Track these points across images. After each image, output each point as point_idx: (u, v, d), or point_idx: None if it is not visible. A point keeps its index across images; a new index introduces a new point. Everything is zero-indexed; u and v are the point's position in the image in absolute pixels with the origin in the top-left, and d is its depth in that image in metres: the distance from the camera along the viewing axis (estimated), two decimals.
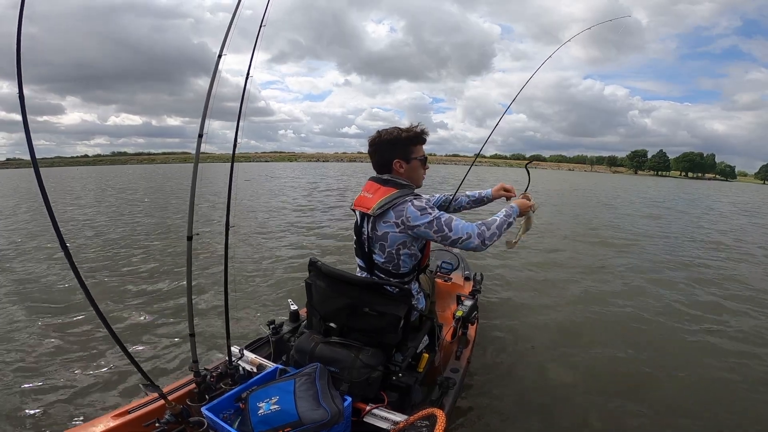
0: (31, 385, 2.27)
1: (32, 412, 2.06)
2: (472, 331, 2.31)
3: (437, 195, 2.08)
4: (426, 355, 1.68)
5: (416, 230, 1.50)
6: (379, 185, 1.60)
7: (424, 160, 1.67)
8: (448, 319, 2.44)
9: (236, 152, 1.56)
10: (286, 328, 1.96)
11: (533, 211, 1.81)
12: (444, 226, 1.47)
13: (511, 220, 1.61)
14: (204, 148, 1.39)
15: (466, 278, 3.03)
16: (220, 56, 1.40)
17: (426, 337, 1.74)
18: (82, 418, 2.01)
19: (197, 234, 1.44)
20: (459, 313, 2.19)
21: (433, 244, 1.80)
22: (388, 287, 1.54)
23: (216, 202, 10.24)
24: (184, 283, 1.47)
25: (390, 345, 1.54)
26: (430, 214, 1.49)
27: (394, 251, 1.57)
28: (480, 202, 2.04)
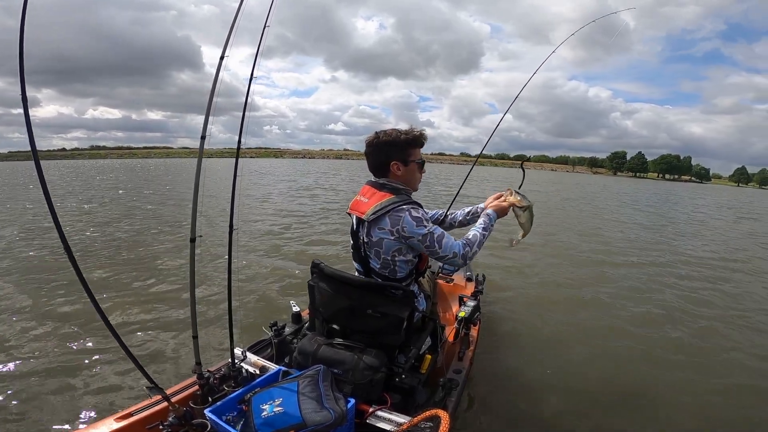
0: (34, 387, 2.27)
1: (36, 414, 2.05)
2: (474, 332, 2.30)
3: (433, 210, 2.05)
4: (429, 357, 1.67)
5: (410, 241, 1.50)
6: (375, 190, 1.58)
7: (421, 164, 1.65)
8: (450, 320, 2.43)
9: (220, 148, 1.54)
10: (288, 330, 1.96)
11: (523, 209, 1.74)
12: (435, 243, 1.49)
13: (488, 232, 1.64)
14: (187, 143, 1.39)
15: (468, 279, 3.02)
16: (222, 57, 1.40)
17: (428, 339, 1.73)
18: (85, 420, 2.01)
19: (200, 236, 1.44)
20: (461, 314, 2.18)
21: None
22: (391, 289, 1.54)
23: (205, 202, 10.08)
24: (188, 284, 1.46)
25: (392, 346, 1.54)
26: (426, 227, 1.49)
27: (389, 258, 1.55)
28: (475, 215, 1.97)
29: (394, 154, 1.58)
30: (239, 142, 1.61)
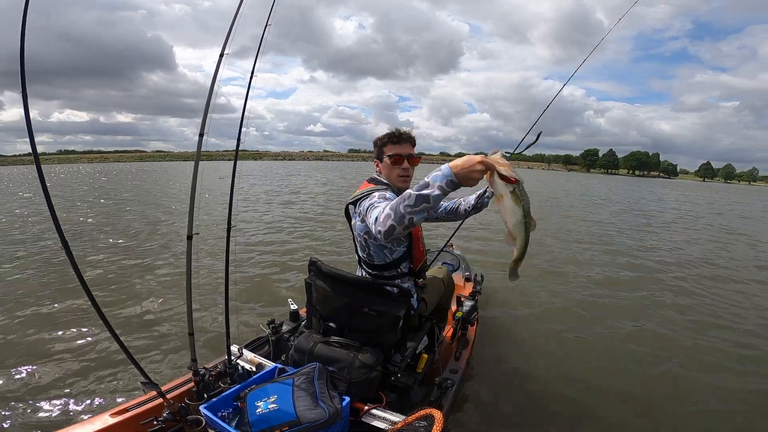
0: (29, 382, 2.27)
1: (30, 409, 2.06)
2: (471, 332, 2.31)
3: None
4: (425, 356, 1.68)
5: (360, 216, 1.49)
6: (366, 182, 1.66)
7: (392, 158, 1.63)
8: (448, 319, 2.43)
9: (195, 151, 1.51)
10: (285, 328, 1.96)
11: (508, 186, 1.13)
12: (366, 211, 1.37)
13: (427, 191, 1.11)
14: (160, 146, 1.39)
15: (467, 279, 3.03)
16: (222, 56, 1.40)
17: (425, 338, 1.74)
18: (80, 415, 2.01)
19: (197, 233, 1.44)
20: (459, 314, 2.19)
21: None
22: (388, 287, 1.54)
23: (173, 206, 9.92)
24: (184, 281, 1.47)
25: (389, 345, 1.54)
26: (373, 200, 1.39)
27: (362, 240, 1.61)
28: (469, 209, 1.88)
29: (376, 154, 1.70)
30: (238, 142, 1.63)
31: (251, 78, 1.66)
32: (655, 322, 3.44)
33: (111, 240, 5.93)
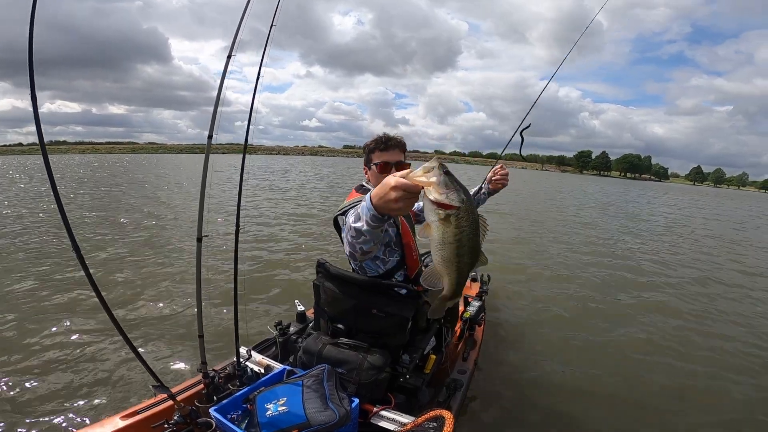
0: (40, 385, 2.29)
1: (42, 412, 2.07)
2: (479, 332, 2.30)
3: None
4: (433, 357, 1.67)
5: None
6: (354, 191, 1.63)
7: (378, 165, 1.59)
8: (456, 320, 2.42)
9: (191, 144, 1.51)
10: (293, 329, 1.96)
11: (438, 212, 0.83)
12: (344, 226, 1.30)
13: (359, 224, 1.03)
14: (153, 138, 1.39)
15: (473, 279, 3.01)
16: (229, 57, 1.40)
17: (433, 339, 1.73)
18: (91, 418, 2.02)
19: (207, 235, 1.44)
20: (466, 315, 2.18)
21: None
22: (397, 289, 1.53)
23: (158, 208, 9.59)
24: (194, 284, 1.47)
25: (397, 346, 1.53)
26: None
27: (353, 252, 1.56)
28: (477, 195, 1.81)
29: (365, 161, 1.67)
30: (246, 139, 1.62)
31: (257, 81, 1.65)
32: (663, 330, 3.41)
33: (116, 239, 5.95)
